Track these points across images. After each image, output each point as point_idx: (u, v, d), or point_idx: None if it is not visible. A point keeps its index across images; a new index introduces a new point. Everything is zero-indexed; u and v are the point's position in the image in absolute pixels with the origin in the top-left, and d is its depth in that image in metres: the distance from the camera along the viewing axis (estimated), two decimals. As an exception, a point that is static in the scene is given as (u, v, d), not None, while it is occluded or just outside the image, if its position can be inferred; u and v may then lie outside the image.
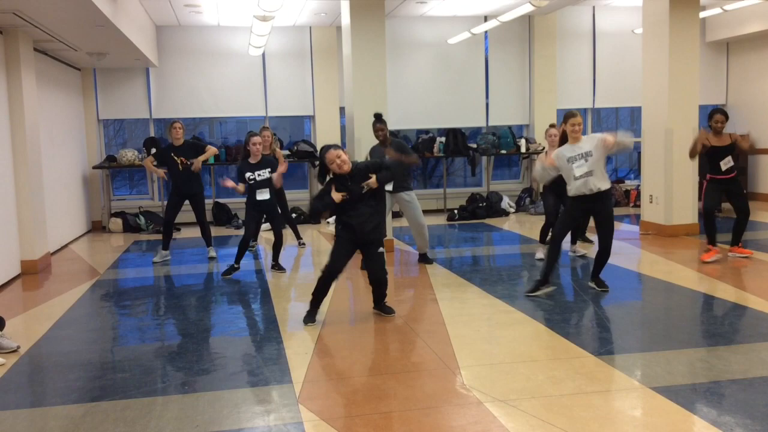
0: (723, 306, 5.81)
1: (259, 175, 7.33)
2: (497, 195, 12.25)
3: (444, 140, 12.23)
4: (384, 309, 5.71)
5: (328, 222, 11.45)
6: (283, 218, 9.09)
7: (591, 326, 5.38)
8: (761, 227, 9.81)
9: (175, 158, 8.13)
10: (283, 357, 4.68)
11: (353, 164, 5.43)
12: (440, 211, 12.26)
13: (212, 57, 12.02)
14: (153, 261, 8.48)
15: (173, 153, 8.15)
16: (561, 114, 13.11)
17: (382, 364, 4.61)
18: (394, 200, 7.73)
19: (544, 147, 12.31)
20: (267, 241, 9.95)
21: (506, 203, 12.18)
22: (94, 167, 11.54)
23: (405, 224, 10.52)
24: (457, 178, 14.09)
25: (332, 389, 4.13)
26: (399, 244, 9.26)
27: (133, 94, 11.94)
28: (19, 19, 7.21)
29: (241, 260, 7.50)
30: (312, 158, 11.84)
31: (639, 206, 10.19)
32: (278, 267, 7.72)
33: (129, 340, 5.44)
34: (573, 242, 8.10)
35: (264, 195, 7.37)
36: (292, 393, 4.01)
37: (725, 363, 4.35)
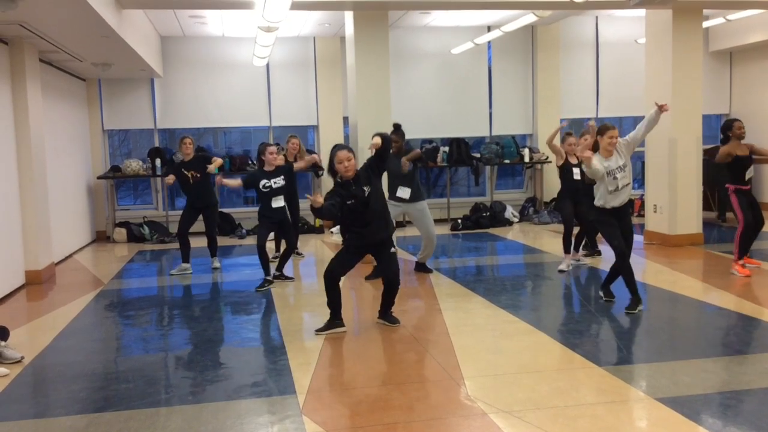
0: (728, 316, 5.79)
1: (275, 183, 7.44)
2: (501, 204, 12.24)
3: (447, 150, 12.24)
4: (389, 319, 5.70)
5: (332, 231, 11.45)
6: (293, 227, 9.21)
7: (596, 336, 5.36)
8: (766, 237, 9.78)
9: (186, 173, 8.18)
10: (287, 367, 4.68)
11: (357, 171, 5.53)
12: (444, 221, 12.25)
13: (217, 67, 12.06)
14: (170, 273, 8.38)
15: (183, 168, 8.19)
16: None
17: (386, 375, 4.60)
18: (404, 210, 7.71)
19: (547, 156, 12.39)
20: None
21: (510, 213, 12.17)
22: (99, 177, 11.56)
23: (408, 234, 10.54)
24: (461, 188, 14.10)
25: (336, 400, 4.13)
26: (403, 254, 9.24)
27: (138, 105, 11.99)
28: (25, 31, 7.26)
29: (270, 270, 7.53)
30: (315, 168, 11.84)
31: (643, 216, 10.17)
32: (283, 276, 7.73)
33: (133, 351, 5.44)
34: (576, 249, 8.08)
35: (279, 202, 7.48)
36: (296, 404, 4.00)
37: (731, 374, 4.33)
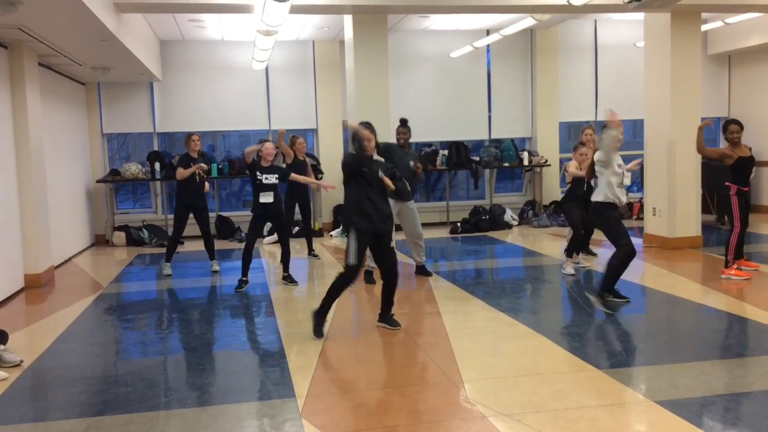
0: (727, 319, 5.79)
1: (267, 179, 7.46)
2: (500, 208, 12.25)
3: (447, 153, 12.25)
4: (390, 322, 5.69)
5: (331, 235, 11.46)
6: (305, 229, 9.85)
7: (595, 339, 5.36)
8: (765, 240, 9.80)
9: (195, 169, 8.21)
10: (287, 371, 4.67)
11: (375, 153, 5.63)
12: (443, 224, 12.25)
13: (216, 71, 12.08)
14: (165, 274, 8.40)
15: (192, 163, 8.22)
16: (564, 127, 13.16)
17: (386, 378, 4.60)
18: (398, 209, 7.71)
19: (546, 159, 12.41)
20: (270, 255, 9.95)
21: (509, 216, 12.17)
22: (98, 181, 11.56)
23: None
24: (460, 191, 14.10)
25: (336, 403, 4.12)
26: (401, 257, 9.23)
27: (137, 108, 12.00)
28: (24, 34, 7.26)
29: (248, 271, 7.50)
30: (316, 171, 11.86)
31: (642, 219, 10.18)
32: (290, 279, 7.71)
33: (132, 354, 5.44)
34: (577, 252, 8.08)
35: (267, 198, 7.46)
36: (296, 407, 4.00)
37: (730, 376, 4.33)
